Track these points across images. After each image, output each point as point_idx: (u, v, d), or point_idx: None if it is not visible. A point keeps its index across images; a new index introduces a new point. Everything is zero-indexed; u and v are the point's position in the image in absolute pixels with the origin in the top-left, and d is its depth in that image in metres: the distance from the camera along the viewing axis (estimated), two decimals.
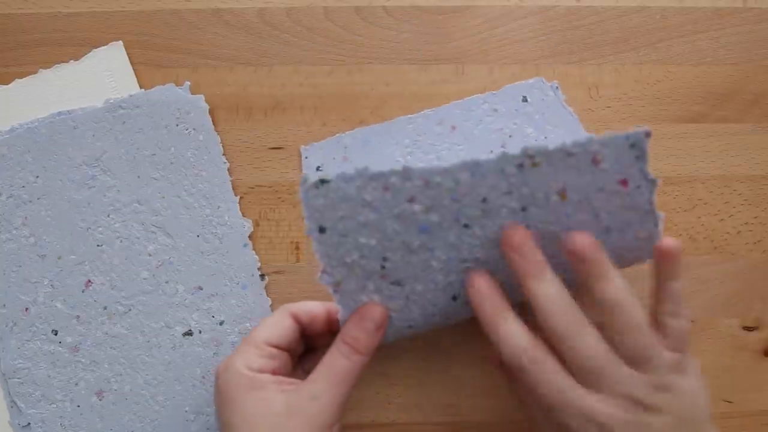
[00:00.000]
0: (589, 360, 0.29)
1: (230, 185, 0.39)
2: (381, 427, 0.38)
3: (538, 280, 0.30)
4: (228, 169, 0.39)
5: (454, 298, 0.33)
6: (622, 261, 0.32)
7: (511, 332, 0.30)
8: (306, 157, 0.39)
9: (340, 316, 0.32)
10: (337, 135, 0.39)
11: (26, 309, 0.37)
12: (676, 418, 0.29)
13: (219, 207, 0.38)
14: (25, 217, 0.38)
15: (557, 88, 0.41)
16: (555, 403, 0.29)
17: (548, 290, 0.30)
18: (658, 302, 0.31)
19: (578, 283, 0.31)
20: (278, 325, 0.32)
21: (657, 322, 0.31)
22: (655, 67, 0.41)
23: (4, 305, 0.37)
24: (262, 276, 0.38)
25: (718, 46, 0.41)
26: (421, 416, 0.38)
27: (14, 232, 0.38)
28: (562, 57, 0.41)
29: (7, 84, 0.39)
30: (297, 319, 0.33)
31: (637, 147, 0.31)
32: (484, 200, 0.30)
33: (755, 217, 0.40)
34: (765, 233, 0.40)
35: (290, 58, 0.40)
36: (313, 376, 0.31)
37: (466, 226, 0.31)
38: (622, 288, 0.30)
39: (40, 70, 0.39)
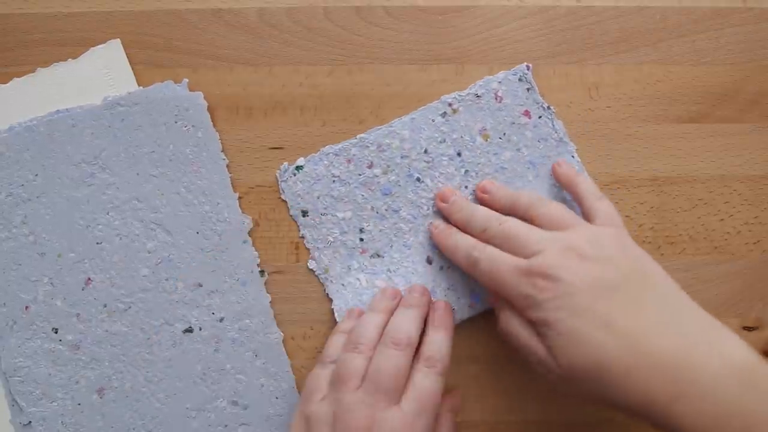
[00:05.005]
0: (517, 232, 0.33)
1: (229, 182, 0.39)
2: None
3: (465, 210, 0.36)
4: (227, 166, 0.39)
5: (429, 261, 0.38)
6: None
7: (459, 238, 0.36)
8: (284, 181, 0.39)
9: (333, 306, 0.37)
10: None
11: (26, 307, 0.37)
12: (614, 267, 0.31)
13: (218, 203, 0.38)
14: (25, 216, 0.38)
15: (527, 71, 0.40)
16: (502, 281, 0.32)
17: (477, 208, 0.36)
18: (580, 201, 0.36)
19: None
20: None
21: (588, 216, 0.35)
22: (655, 67, 0.41)
23: (4, 304, 0.37)
24: (262, 272, 0.38)
25: (718, 46, 0.41)
26: None
27: (14, 230, 0.38)
28: (562, 57, 0.41)
29: (5, 83, 0.39)
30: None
31: (524, 80, 0.39)
32: (426, 151, 0.38)
33: (755, 217, 0.40)
34: (765, 233, 0.40)
35: (290, 58, 0.40)
36: None
37: (418, 180, 0.38)
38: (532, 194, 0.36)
39: (39, 69, 0.39)
